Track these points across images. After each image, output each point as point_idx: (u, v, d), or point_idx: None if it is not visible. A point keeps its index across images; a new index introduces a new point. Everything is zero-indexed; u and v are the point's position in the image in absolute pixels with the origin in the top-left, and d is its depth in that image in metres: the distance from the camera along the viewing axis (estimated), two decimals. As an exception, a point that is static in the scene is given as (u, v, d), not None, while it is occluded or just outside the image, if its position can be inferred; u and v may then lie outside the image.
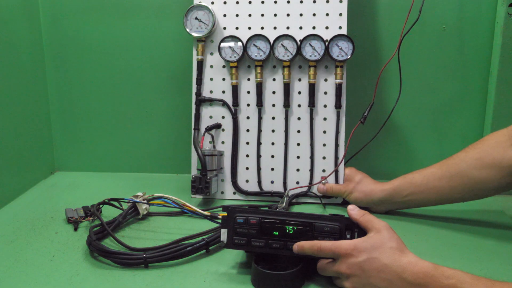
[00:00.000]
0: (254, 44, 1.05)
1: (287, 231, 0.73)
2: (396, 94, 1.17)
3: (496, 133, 0.88)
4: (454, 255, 0.84)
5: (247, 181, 1.11)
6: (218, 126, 1.10)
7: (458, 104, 1.20)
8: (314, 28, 1.06)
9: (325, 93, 1.06)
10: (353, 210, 0.73)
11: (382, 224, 0.69)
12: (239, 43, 1.06)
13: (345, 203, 1.06)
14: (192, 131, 1.10)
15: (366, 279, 0.66)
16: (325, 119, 1.07)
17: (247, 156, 1.10)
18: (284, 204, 1.00)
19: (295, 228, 0.73)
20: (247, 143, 1.10)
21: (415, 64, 1.14)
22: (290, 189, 1.08)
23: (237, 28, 1.08)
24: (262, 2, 1.07)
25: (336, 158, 1.07)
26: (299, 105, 1.08)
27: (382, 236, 0.67)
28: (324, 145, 1.07)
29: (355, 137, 1.02)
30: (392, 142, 1.21)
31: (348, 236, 0.72)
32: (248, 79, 1.09)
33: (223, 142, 1.11)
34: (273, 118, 1.09)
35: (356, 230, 0.72)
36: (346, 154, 1.06)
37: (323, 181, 1.07)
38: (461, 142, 1.21)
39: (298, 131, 1.08)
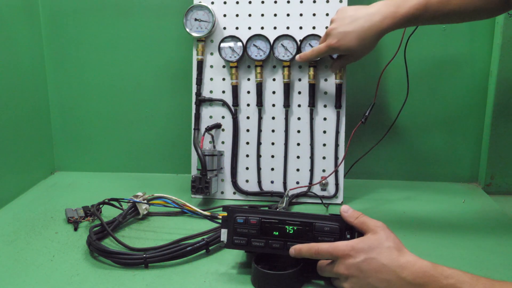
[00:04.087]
0: (254, 44, 1.05)
1: (287, 231, 0.73)
2: (396, 94, 1.17)
3: None
4: (454, 255, 0.84)
5: (247, 181, 1.11)
6: (218, 126, 1.10)
7: (458, 104, 1.20)
8: (314, 28, 1.06)
9: (325, 93, 1.06)
10: (346, 212, 0.72)
11: (378, 224, 0.69)
12: (239, 43, 1.06)
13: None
14: (192, 131, 1.10)
15: (364, 279, 0.66)
16: (325, 119, 1.07)
17: (247, 156, 1.10)
18: (284, 204, 1.00)
19: (295, 228, 0.73)
20: (247, 143, 1.10)
21: (415, 64, 1.14)
22: (290, 189, 1.08)
23: (237, 28, 1.08)
24: (262, 2, 1.07)
25: (336, 158, 1.07)
26: (299, 105, 1.08)
27: (379, 236, 0.67)
28: (324, 145, 1.07)
29: (355, 137, 1.02)
30: (392, 142, 1.21)
31: (348, 236, 0.72)
32: (248, 79, 1.09)
33: (223, 142, 1.11)
34: (273, 118, 1.09)
35: (357, 230, 0.72)
36: (346, 154, 1.06)
37: (323, 181, 1.07)
38: (461, 142, 1.22)
39: (298, 131, 1.08)
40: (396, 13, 0.86)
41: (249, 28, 1.08)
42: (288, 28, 1.07)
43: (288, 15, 1.06)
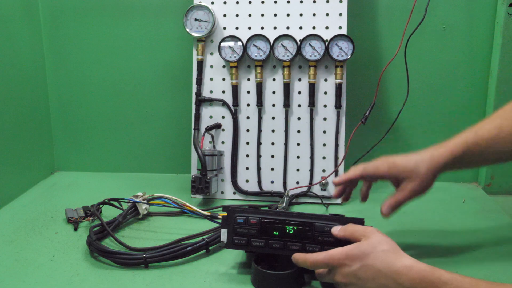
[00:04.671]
0: (254, 44, 1.05)
1: (287, 231, 0.73)
2: (396, 94, 1.17)
3: None
4: (454, 255, 0.83)
5: (247, 181, 1.11)
6: (218, 126, 1.10)
7: (458, 104, 1.20)
8: (314, 28, 1.06)
9: (325, 93, 1.06)
10: (336, 230, 0.71)
11: (369, 229, 0.68)
12: (239, 43, 1.06)
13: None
14: (192, 131, 1.10)
15: (362, 285, 0.65)
16: (325, 119, 1.07)
17: (247, 156, 1.10)
18: (284, 204, 1.00)
19: (295, 228, 0.73)
20: (247, 143, 1.10)
21: (414, 64, 1.14)
22: (290, 189, 1.08)
23: (237, 28, 1.08)
24: (262, 2, 1.07)
25: (336, 158, 1.07)
26: (299, 105, 1.08)
27: (372, 241, 0.66)
28: (324, 145, 1.07)
29: (355, 137, 1.02)
30: (392, 142, 1.21)
31: (348, 236, 0.72)
32: (248, 79, 1.09)
33: (223, 142, 1.11)
34: (273, 118, 1.09)
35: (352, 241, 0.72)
36: (346, 155, 1.06)
37: (323, 181, 1.07)
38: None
39: (298, 131, 1.08)
40: (447, 143, 0.81)
41: (249, 28, 1.08)
42: (288, 28, 1.07)
43: (288, 15, 1.06)
